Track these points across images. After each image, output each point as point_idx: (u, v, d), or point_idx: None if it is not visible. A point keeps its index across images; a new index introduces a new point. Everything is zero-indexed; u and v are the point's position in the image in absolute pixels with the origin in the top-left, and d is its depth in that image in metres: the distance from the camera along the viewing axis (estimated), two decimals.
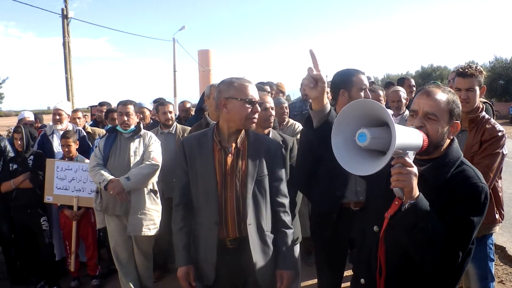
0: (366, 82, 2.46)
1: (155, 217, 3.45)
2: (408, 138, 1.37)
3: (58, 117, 4.44)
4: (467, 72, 2.55)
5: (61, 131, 4.32)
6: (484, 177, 1.53)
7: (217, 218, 1.99)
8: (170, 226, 2.18)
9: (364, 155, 1.38)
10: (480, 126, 2.54)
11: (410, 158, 1.39)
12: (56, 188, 3.91)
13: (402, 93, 4.24)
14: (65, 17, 13.86)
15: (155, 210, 3.46)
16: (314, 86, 1.63)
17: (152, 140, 3.56)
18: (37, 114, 5.69)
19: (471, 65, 2.64)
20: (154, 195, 3.50)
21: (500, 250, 4.61)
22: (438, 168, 1.51)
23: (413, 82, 5.40)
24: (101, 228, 3.77)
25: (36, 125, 5.21)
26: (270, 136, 2.66)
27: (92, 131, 4.93)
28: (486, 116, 2.59)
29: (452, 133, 1.54)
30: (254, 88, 2.03)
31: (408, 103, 4.33)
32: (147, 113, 5.11)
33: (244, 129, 2.07)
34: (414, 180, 1.37)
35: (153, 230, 3.42)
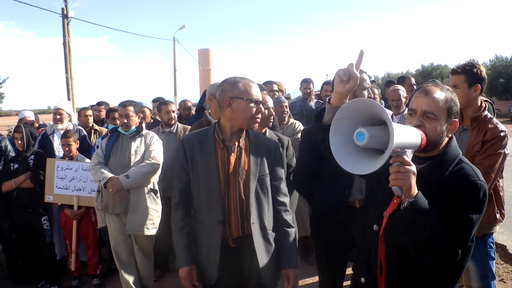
0: (368, 81, 2.47)
1: (155, 216, 3.44)
2: (406, 136, 1.37)
3: (58, 116, 4.44)
4: (455, 69, 2.56)
5: (61, 131, 4.32)
6: (485, 177, 1.53)
7: (221, 217, 1.99)
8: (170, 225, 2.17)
9: (362, 154, 1.38)
10: (482, 125, 2.50)
11: (408, 156, 1.39)
12: (56, 187, 3.92)
13: (402, 92, 4.24)
14: (65, 16, 13.84)
15: (155, 209, 3.46)
16: (345, 81, 1.63)
17: (153, 139, 3.55)
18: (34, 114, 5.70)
19: (469, 63, 2.61)
20: (154, 195, 3.49)
21: (500, 249, 4.61)
22: (436, 166, 1.51)
23: (413, 81, 5.38)
24: (101, 227, 3.78)
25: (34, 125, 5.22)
26: (267, 135, 2.65)
27: (99, 130, 4.97)
28: (489, 115, 2.55)
29: (450, 131, 1.54)
30: (258, 88, 2.05)
31: (408, 102, 4.33)
32: (148, 112, 5.11)
33: (247, 128, 2.07)
34: (413, 178, 1.37)
35: (151, 229, 3.41)
